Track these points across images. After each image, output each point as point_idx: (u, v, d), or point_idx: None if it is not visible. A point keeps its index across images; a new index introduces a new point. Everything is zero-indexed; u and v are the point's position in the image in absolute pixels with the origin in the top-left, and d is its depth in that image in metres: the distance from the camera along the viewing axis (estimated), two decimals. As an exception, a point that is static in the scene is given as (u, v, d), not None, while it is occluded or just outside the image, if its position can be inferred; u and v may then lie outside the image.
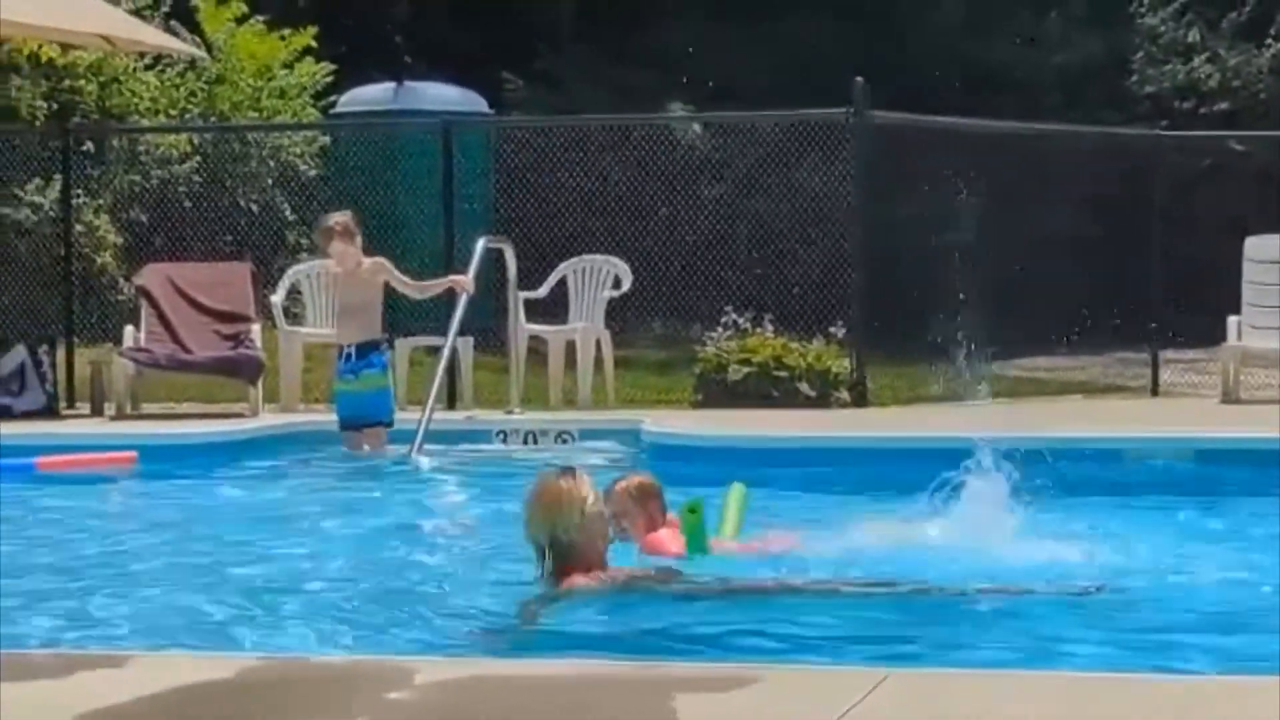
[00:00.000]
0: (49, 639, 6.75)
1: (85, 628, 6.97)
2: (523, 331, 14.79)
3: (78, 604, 7.44)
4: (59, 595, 7.69)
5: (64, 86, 21.42)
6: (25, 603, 7.55)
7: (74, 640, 6.74)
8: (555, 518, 7.05)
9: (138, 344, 14.71)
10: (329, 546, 8.81)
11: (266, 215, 20.13)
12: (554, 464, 8.12)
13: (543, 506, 7.11)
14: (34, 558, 8.70)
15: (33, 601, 7.58)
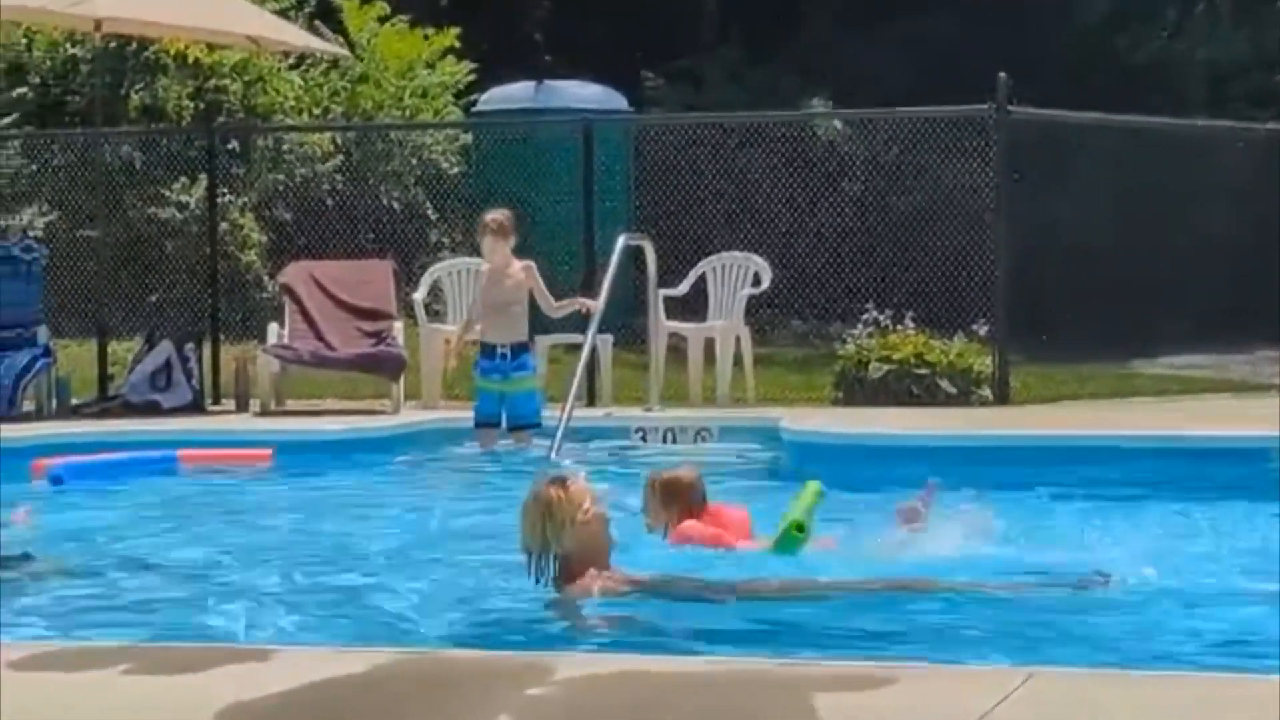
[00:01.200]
0: (189, 632, 6.81)
1: (223, 620, 7.02)
2: (662, 329, 14.78)
3: (216, 597, 7.50)
4: (198, 589, 7.77)
5: (210, 86, 21.65)
6: (165, 596, 7.64)
7: (211, 633, 6.79)
8: (546, 527, 7.02)
9: (282, 341, 14.83)
10: (465, 543, 8.81)
11: (408, 213, 20.25)
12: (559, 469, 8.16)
13: (533, 516, 7.06)
14: (174, 552, 8.79)
15: (173, 595, 7.66)
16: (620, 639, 6.59)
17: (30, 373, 14.35)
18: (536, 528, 7.01)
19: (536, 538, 7.01)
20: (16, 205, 19.32)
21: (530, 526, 7.04)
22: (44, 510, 10.43)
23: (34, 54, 21.26)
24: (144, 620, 7.15)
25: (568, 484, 7.13)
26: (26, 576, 8.07)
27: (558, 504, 7.00)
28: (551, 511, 6.99)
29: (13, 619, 6.69)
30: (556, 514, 6.99)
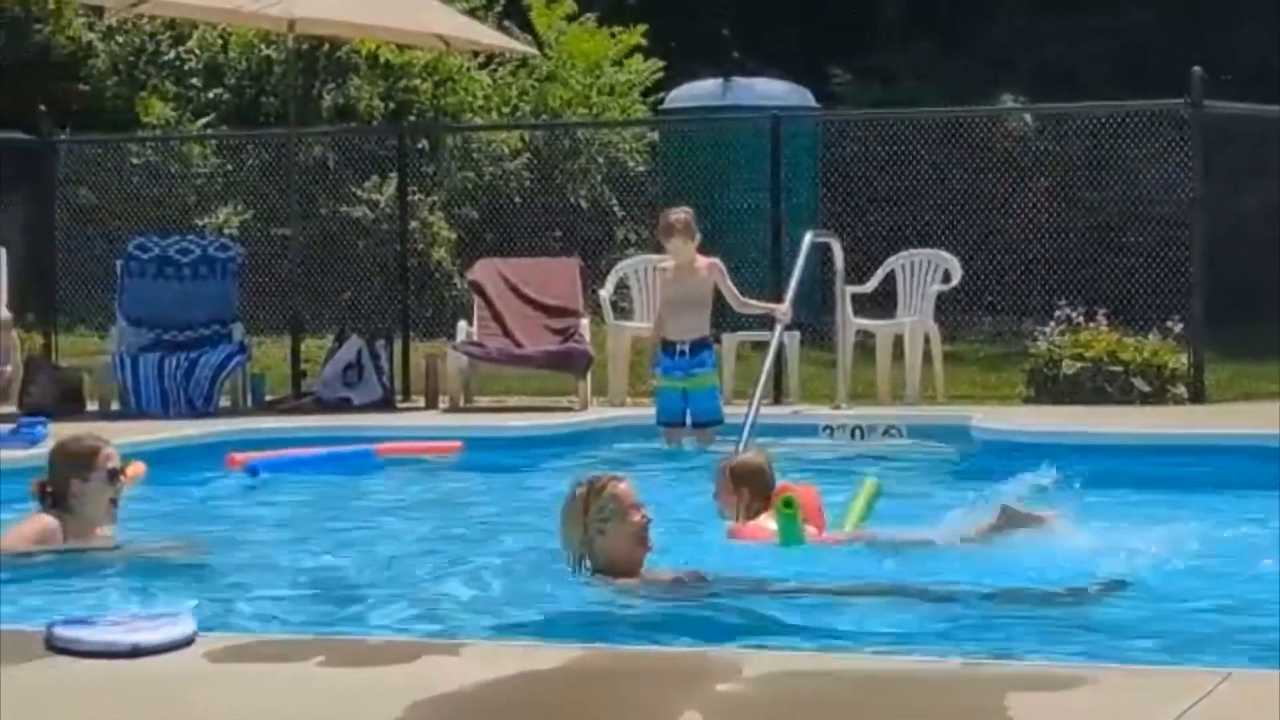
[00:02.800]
0: (382, 625, 6.87)
1: (412, 613, 7.08)
2: (850, 326, 14.70)
3: (406, 588, 7.57)
4: (391, 580, 7.84)
5: (400, 86, 21.87)
6: (357, 587, 7.71)
7: (402, 626, 6.84)
8: (575, 528, 7.11)
9: (470, 338, 14.93)
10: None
11: (595, 211, 20.32)
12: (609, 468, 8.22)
13: (565, 516, 7.17)
14: (364, 544, 8.88)
15: (366, 586, 7.73)
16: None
17: (226, 369, 14.55)
18: (569, 528, 7.12)
19: (575, 535, 7.11)
20: (213, 205, 19.63)
21: (572, 525, 7.12)
22: (247, 502, 10.62)
23: (230, 56, 21.58)
24: (336, 611, 7.22)
25: (596, 485, 7.17)
26: (213, 565, 8.20)
27: (582, 506, 7.10)
28: (578, 513, 7.10)
29: (209, 609, 6.77)
30: (582, 515, 7.09)
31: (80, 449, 8.32)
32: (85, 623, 5.79)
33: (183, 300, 15.04)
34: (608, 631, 6.62)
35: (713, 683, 5.34)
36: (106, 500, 8.17)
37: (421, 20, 16.64)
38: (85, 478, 8.14)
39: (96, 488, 8.15)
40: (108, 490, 8.17)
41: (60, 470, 8.23)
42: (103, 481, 8.16)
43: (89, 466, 8.17)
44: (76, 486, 8.13)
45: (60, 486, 8.16)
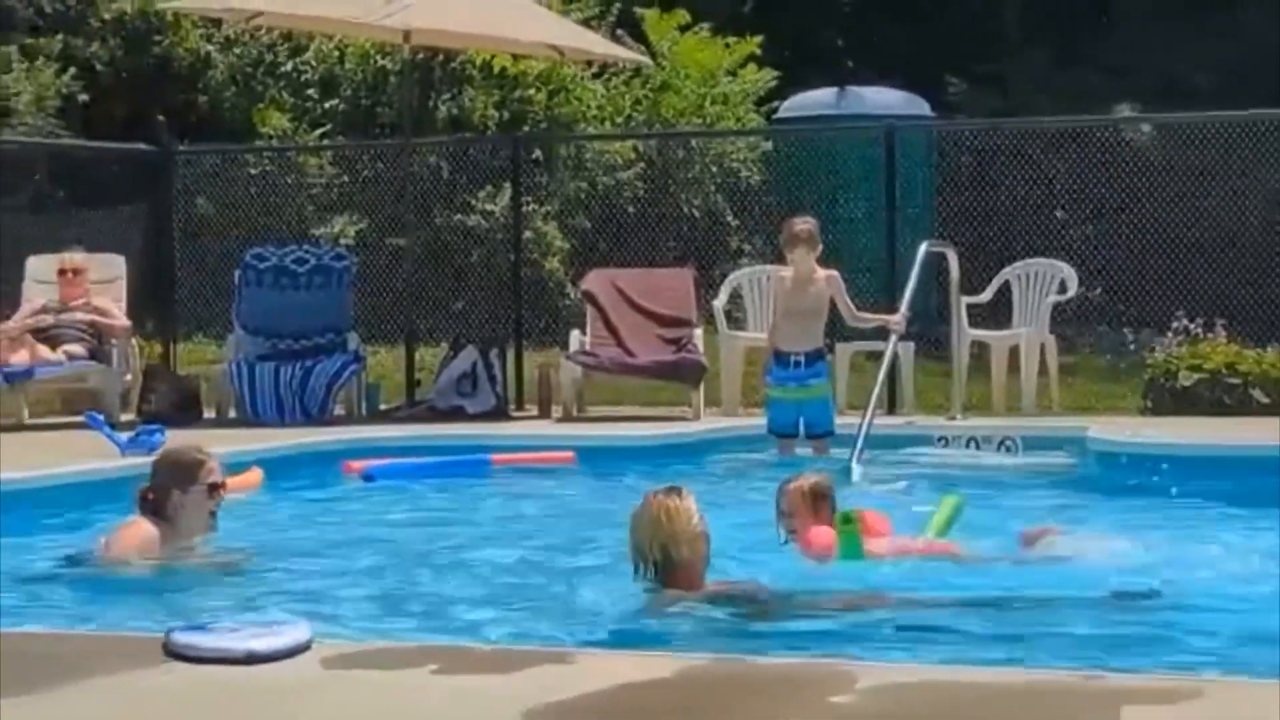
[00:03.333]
0: (493, 632, 6.89)
1: (520, 620, 7.11)
2: (965, 336, 14.63)
3: (515, 596, 7.61)
4: (502, 588, 7.88)
5: (515, 96, 21.94)
6: (469, 595, 7.74)
7: (511, 635, 6.86)
8: (664, 536, 7.11)
9: (584, 347, 14.96)
10: (760, 555, 8.76)
11: (708, 220, 20.30)
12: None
13: (650, 522, 7.16)
14: (479, 553, 8.91)
15: (478, 594, 7.76)
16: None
17: (341, 378, 14.64)
18: (653, 534, 7.13)
19: (649, 545, 7.12)
20: (328, 215, 19.75)
21: (647, 533, 7.14)
22: (363, 508, 10.69)
23: (346, 67, 21.72)
24: (449, 618, 7.25)
25: (683, 494, 7.23)
26: (325, 571, 8.26)
27: (676, 512, 7.13)
28: (670, 519, 7.12)
29: (321, 615, 6.82)
30: (674, 522, 7.11)
31: (184, 461, 8.44)
32: (202, 629, 5.84)
33: (299, 309, 15.15)
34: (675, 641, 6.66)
35: (825, 693, 5.32)
36: (206, 512, 8.29)
37: (536, 31, 16.70)
38: (186, 489, 8.25)
39: (196, 500, 8.26)
40: (207, 503, 8.29)
41: (163, 480, 8.34)
42: (203, 494, 8.27)
43: (191, 479, 8.29)
44: (177, 497, 8.24)
45: (161, 495, 8.27)
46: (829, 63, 24.22)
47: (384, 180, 19.56)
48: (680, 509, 7.16)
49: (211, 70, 21.11)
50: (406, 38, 16.15)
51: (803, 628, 6.89)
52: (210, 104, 21.04)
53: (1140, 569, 7.68)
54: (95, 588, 7.89)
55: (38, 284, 14.99)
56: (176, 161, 18.07)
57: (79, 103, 19.77)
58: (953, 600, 7.27)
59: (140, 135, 18.05)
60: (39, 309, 14.66)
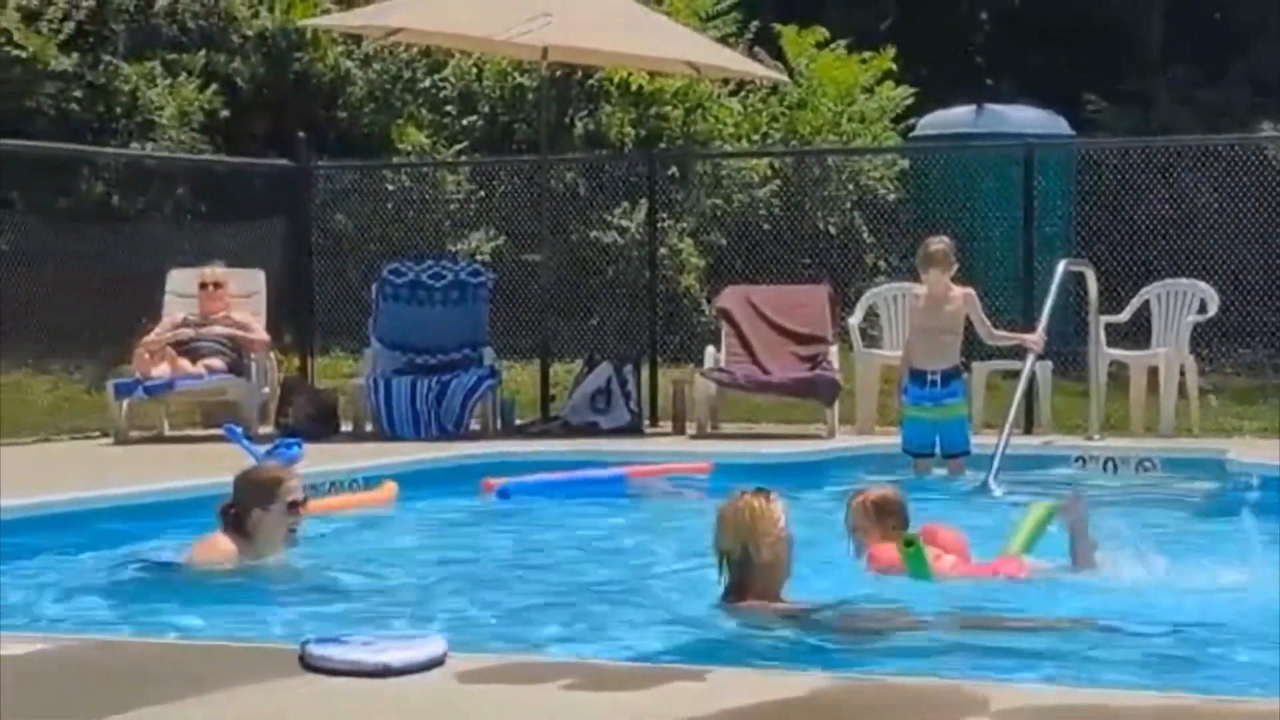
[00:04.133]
0: (623, 647, 6.91)
1: (648, 639, 7.11)
2: (1104, 356, 14.50)
3: (645, 610, 7.63)
4: (633, 603, 7.90)
5: (651, 113, 21.97)
6: (601, 609, 7.79)
7: (642, 653, 6.87)
8: (746, 535, 7.09)
9: (718, 364, 14.95)
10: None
11: (844, 238, 20.25)
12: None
13: (735, 522, 7.13)
14: (613, 567, 8.93)
15: (611, 607, 7.81)
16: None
17: (476, 393, 14.71)
18: (737, 534, 7.11)
19: (731, 543, 7.11)
20: (465, 230, 19.86)
21: (732, 531, 7.13)
22: (497, 523, 10.74)
23: (484, 83, 21.84)
24: (578, 632, 7.26)
25: (771, 497, 7.21)
26: (459, 585, 8.31)
27: (762, 514, 7.12)
28: (755, 520, 7.10)
29: (455, 629, 6.85)
30: (758, 524, 7.09)
31: (265, 479, 8.59)
32: (337, 641, 5.88)
33: (435, 324, 15.24)
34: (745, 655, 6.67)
35: (961, 714, 5.28)
36: (284, 530, 8.44)
37: (673, 48, 16.72)
38: (266, 507, 8.39)
39: (275, 518, 8.40)
40: (286, 521, 8.43)
41: (243, 497, 8.49)
42: (282, 513, 8.41)
43: (271, 497, 8.42)
44: (256, 514, 8.39)
45: (242, 512, 8.41)
46: (967, 80, 24.10)
47: (520, 196, 19.64)
48: (766, 510, 7.15)
49: (351, 86, 21.28)
50: (544, 55, 16.21)
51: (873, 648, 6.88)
52: (349, 120, 21.21)
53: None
54: (197, 597, 8.02)
55: (178, 298, 15.17)
56: (316, 177, 18.24)
57: (220, 118, 19.99)
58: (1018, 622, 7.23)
59: (280, 150, 18.22)
60: (180, 322, 14.83)
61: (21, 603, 7.83)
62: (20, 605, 7.76)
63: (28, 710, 5.34)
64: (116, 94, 19.39)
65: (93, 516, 9.88)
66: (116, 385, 14.26)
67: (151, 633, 7.15)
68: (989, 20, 28.95)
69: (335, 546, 9.55)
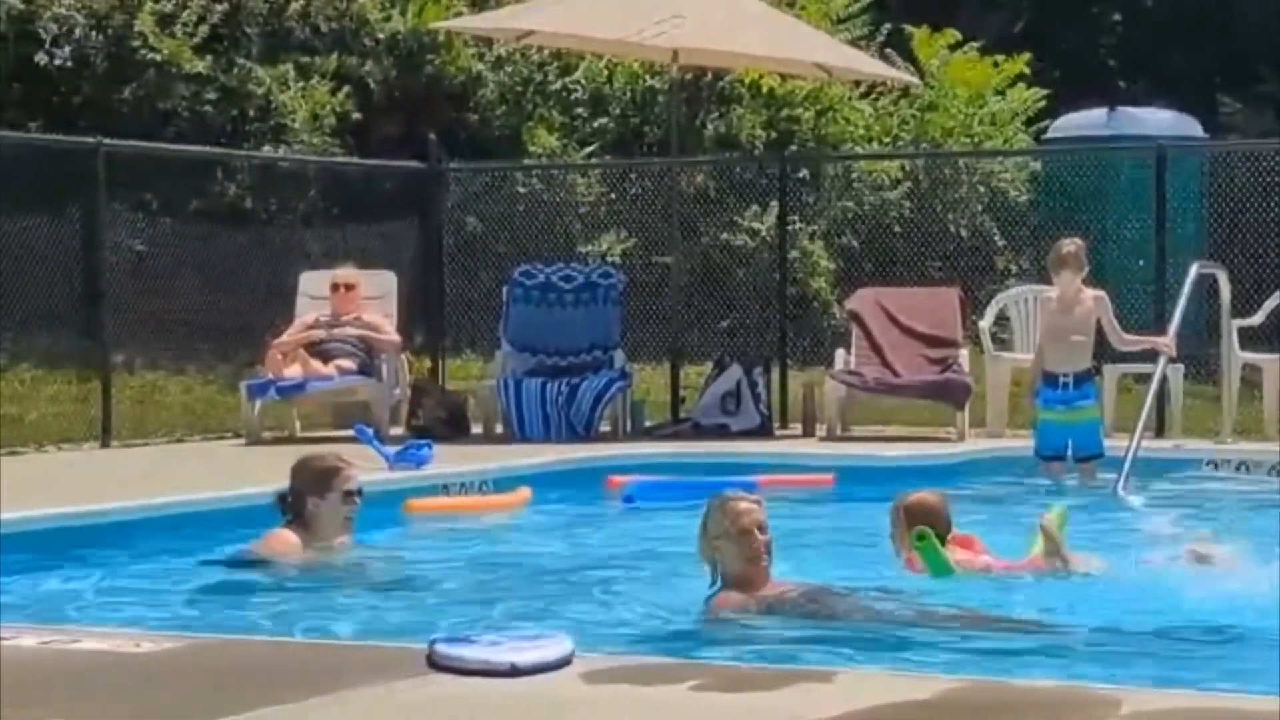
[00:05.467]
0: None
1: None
2: (1236, 360, 14.36)
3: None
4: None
5: (782, 115, 21.96)
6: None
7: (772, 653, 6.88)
8: (702, 537, 7.38)
9: (848, 367, 14.92)
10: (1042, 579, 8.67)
11: (975, 240, 20.16)
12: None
13: (708, 522, 7.40)
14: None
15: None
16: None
17: (607, 395, 14.74)
18: (706, 533, 7.37)
19: (706, 544, 7.38)
20: (596, 233, 19.91)
21: (703, 532, 7.39)
22: (619, 525, 10.78)
23: (614, 86, 21.89)
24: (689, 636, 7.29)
25: (744, 497, 7.46)
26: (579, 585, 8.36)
27: (710, 516, 7.38)
28: (706, 523, 7.37)
29: (582, 629, 6.87)
30: (709, 525, 7.35)
31: (321, 468, 8.76)
32: (465, 640, 5.91)
33: (566, 326, 15.29)
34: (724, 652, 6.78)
35: (1084, 717, 5.25)
36: (341, 518, 8.61)
37: (804, 50, 16.70)
38: (323, 495, 8.57)
39: (332, 506, 8.58)
40: (342, 509, 8.59)
41: (300, 485, 8.67)
42: (338, 501, 8.56)
43: (327, 486, 8.58)
44: (313, 503, 8.57)
45: (299, 501, 8.59)
46: (1100, 82, 23.91)
47: (651, 198, 19.67)
48: (737, 509, 7.35)
49: (482, 89, 21.38)
50: (675, 57, 16.24)
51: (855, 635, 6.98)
52: (480, 122, 21.31)
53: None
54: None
55: (310, 299, 15.29)
56: (447, 179, 18.33)
57: (352, 121, 20.15)
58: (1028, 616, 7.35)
59: (411, 153, 18.34)
60: (311, 323, 14.95)
61: (132, 602, 7.94)
62: (130, 604, 7.87)
63: (152, 709, 5.40)
64: (250, 97, 19.58)
65: (214, 518, 9.94)
66: (249, 386, 14.40)
67: (242, 631, 7.23)
68: (1121, 22, 28.71)
69: (461, 546, 9.64)
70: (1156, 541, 8.58)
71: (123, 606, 7.91)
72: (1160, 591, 7.76)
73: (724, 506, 7.40)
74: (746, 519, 7.34)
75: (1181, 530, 8.55)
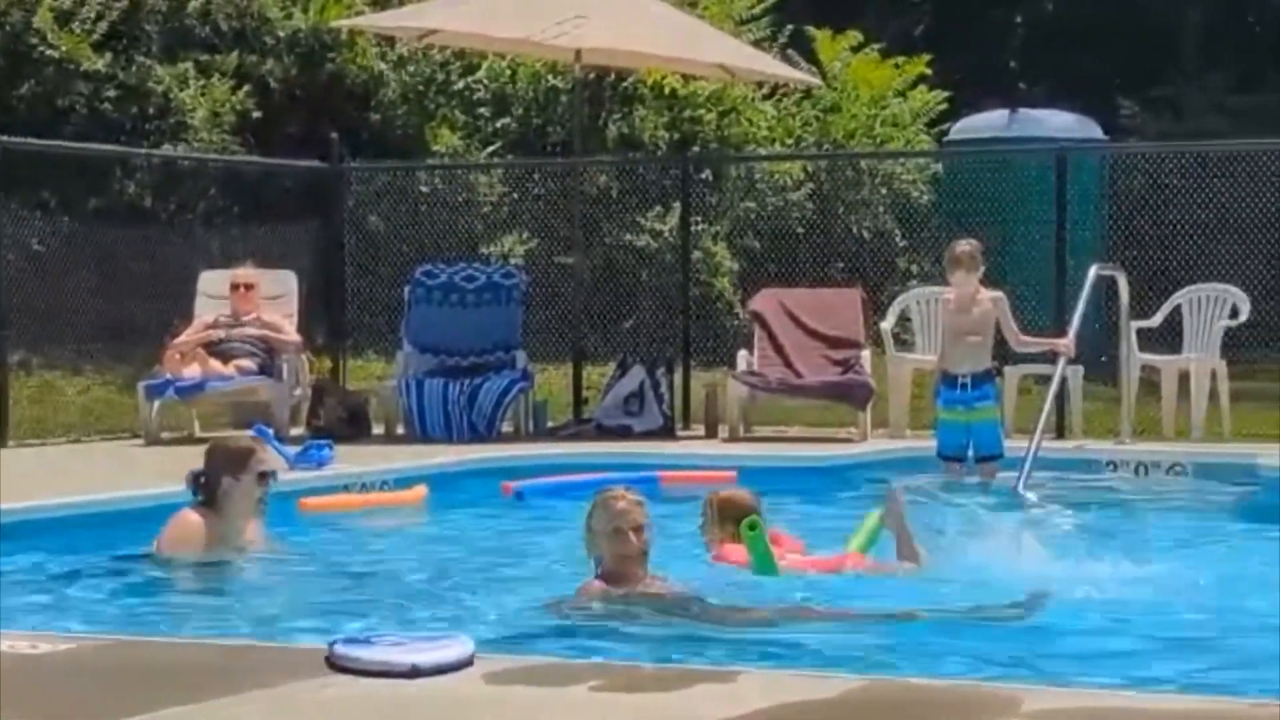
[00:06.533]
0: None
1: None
2: (1135, 361, 14.47)
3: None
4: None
5: (685, 116, 21.97)
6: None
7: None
8: (586, 531, 7.57)
9: (751, 368, 14.95)
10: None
11: (877, 242, 20.24)
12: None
13: (593, 516, 7.57)
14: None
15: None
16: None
17: (509, 395, 14.71)
18: (591, 527, 7.54)
19: (590, 537, 7.54)
20: (499, 233, 19.87)
21: (589, 526, 7.56)
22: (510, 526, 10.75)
23: (517, 86, 21.85)
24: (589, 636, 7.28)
25: (628, 494, 7.58)
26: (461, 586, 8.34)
27: (590, 512, 7.54)
28: (607, 514, 7.49)
29: (476, 630, 6.85)
30: (589, 520, 7.52)
31: (236, 449, 8.90)
32: (365, 642, 5.88)
33: (468, 327, 15.25)
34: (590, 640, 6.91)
35: (990, 716, 5.27)
36: (254, 500, 8.68)
37: (706, 51, 16.72)
38: (236, 476, 8.64)
39: (245, 488, 8.65)
40: (255, 490, 8.67)
41: (215, 466, 8.74)
42: (252, 483, 8.65)
43: (242, 467, 8.67)
44: (227, 483, 8.65)
45: (212, 481, 8.65)
46: (1001, 84, 24.05)
47: (553, 199, 19.65)
48: (616, 509, 7.47)
49: (384, 88, 21.30)
50: (578, 57, 16.23)
51: (722, 637, 7.06)
52: (382, 121, 21.23)
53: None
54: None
55: (210, 299, 15.19)
56: (348, 178, 18.25)
57: (253, 119, 20.03)
58: (875, 612, 7.49)
59: (313, 152, 18.23)
60: (211, 323, 14.86)
61: (27, 605, 7.87)
62: (25, 607, 7.81)
63: (50, 711, 5.34)
64: (149, 95, 19.43)
65: (113, 518, 9.87)
66: (147, 386, 14.30)
67: (141, 632, 7.17)
68: (1022, 25, 28.90)
69: (355, 546, 9.62)
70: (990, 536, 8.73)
71: (19, 608, 7.82)
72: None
73: (605, 504, 7.53)
74: (621, 520, 7.46)
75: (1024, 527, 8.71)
